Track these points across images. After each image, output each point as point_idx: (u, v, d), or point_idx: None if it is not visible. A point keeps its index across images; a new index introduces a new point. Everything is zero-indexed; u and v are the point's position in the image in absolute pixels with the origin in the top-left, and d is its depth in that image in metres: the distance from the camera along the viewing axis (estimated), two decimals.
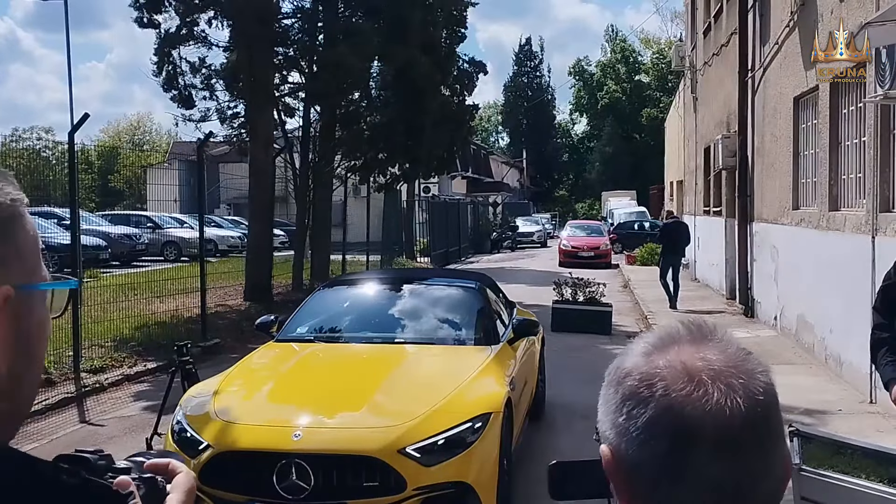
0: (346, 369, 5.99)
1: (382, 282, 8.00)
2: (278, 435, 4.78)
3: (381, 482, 4.57)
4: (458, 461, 4.69)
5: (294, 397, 5.51)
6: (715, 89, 17.06)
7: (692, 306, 15.32)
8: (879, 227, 7.38)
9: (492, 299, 7.21)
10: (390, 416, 4.93)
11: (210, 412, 5.03)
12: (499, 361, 6.02)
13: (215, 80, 16.01)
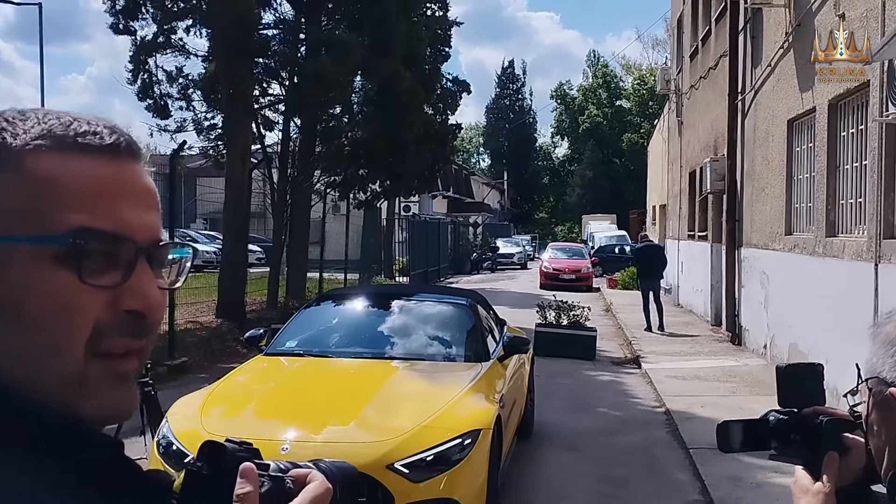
0: (335, 384, 5.92)
1: (373, 297, 7.95)
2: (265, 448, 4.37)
3: (369, 498, 4.49)
4: (447, 478, 4.65)
5: (282, 411, 5.39)
6: (702, 112, 16.83)
7: (676, 331, 15.00)
8: (883, 255, 7.05)
9: (482, 316, 7.19)
10: (379, 432, 4.88)
11: (197, 425, 4.95)
12: (489, 379, 6.01)
13: (192, 90, 15.55)
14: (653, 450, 7.54)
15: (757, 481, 6.34)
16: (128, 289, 0.83)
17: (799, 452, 1.36)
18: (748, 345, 12.60)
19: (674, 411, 8.71)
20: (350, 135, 18.31)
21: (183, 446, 4.76)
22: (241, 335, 13.43)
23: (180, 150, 11.36)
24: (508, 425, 6.03)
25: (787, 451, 1.38)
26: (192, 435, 4.81)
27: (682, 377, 10.62)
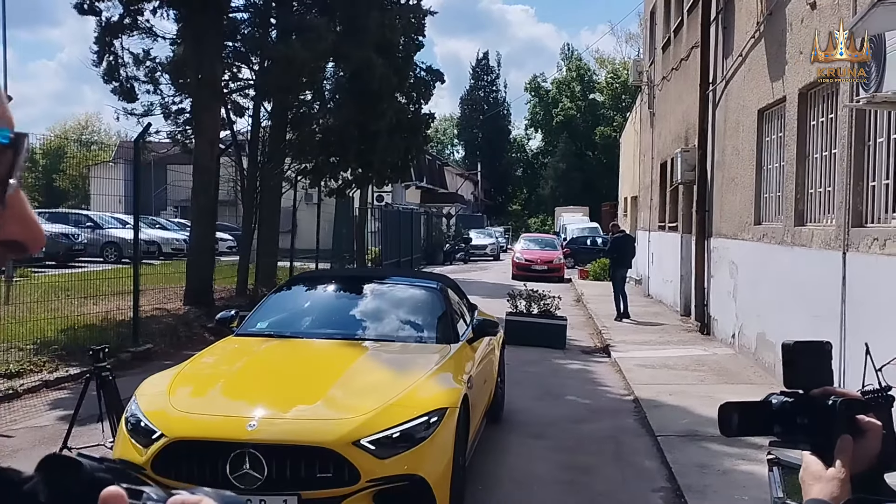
0: (304, 364, 5.98)
1: (344, 280, 8.11)
2: (233, 425, 4.72)
3: (335, 474, 4.53)
4: (413, 454, 4.68)
5: (250, 390, 5.44)
6: (673, 104, 16.85)
7: (646, 321, 15.04)
8: (851, 243, 7.06)
9: (453, 300, 7.28)
10: (346, 410, 4.91)
11: (165, 402, 4.98)
12: (457, 360, 6.09)
13: (160, 74, 15.24)
14: (621, 437, 7.50)
15: (724, 468, 6.32)
16: None
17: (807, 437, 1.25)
18: (717, 334, 12.65)
19: (642, 399, 8.69)
20: (322, 122, 18.07)
21: (151, 423, 4.77)
22: (209, 322, 13.31)
23: (145, 132, 11.14)
24: (476, 406, 6.05)
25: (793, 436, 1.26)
26: (160, 413, 4.86)
27: (651, 366, 10.62)
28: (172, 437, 4.65)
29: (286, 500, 4.46)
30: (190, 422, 4.79)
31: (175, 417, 4.83)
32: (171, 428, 4.71)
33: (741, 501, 5.58)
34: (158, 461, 4.61)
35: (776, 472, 4.49)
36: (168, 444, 4.62)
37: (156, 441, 4.67)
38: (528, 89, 75.71)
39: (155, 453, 4.62)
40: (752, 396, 5.62)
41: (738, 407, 1.31)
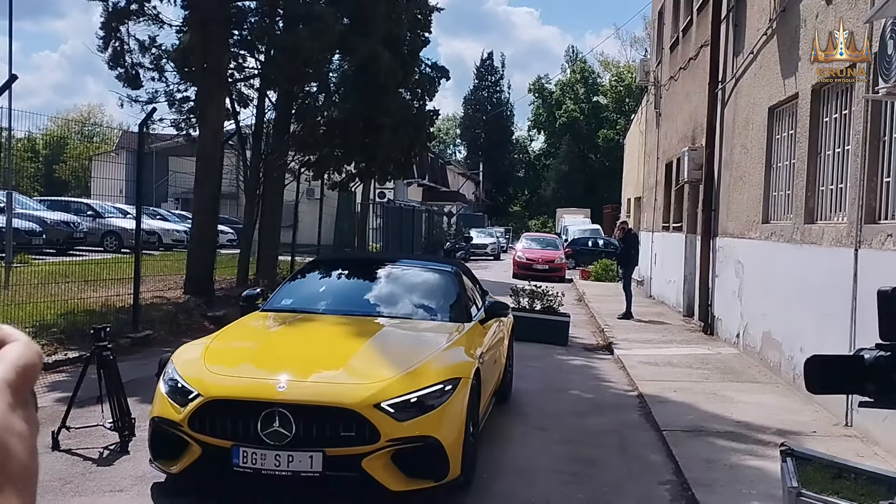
0: (327, 337, 6.32)
1: (364, 263, 8.73)
2: (264, 386, 5.09)
3: (357, 433, 4.87)
4: (429, 418, 5.04)
5: (278, 357, 5.77)
6: (681, 103, 16.76)
7: (649, 320, 14.94)
8: (864, 240, 6.96)
9: (466, 284, 7.68)
10: (367, 377, 5.24)
11: (200, 366, 5.35)
12: (470, 337, 6.45)
13: (165, 61, 15.15)
14: (625, 432, 7.41)
15: (731, 463, 6.23)
16: None
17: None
18: (720, 334, 12.55)
19: (646, 395, 8.60)
20: (326, 114, 18.00)
21: (188, 385, 5.15)
22: (209, 311, 13.23)
23: (149, 117, 11.04)
24: (487, 382, 6.38)
25: (890, 395, 1.14)
26: (196, 375, 5.23)
27: (654, 363, 10.52)
28: (208, 397, 5.02)
29: (312, 456, 4.80)
30: (224, 383, 5.16)
31: (210, 379, 5.19)
32: (206, 388, 5.08)
33: (749, 496, 5.48)
34: (195, 418, 4.98)
35: (790, 463, 4.40)
36: (204, 403, 4.99)
37: (192, 400, 5.03)
38: (532, 90, 75.66)
39: (192, 411, 4.99)
40: (758, 395, 5.57)
41: (827, 361, 1.19)
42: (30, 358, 0.65)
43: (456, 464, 5.10)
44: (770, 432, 7.07)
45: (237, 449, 4.85)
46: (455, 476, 5.14)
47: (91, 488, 5.25)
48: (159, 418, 5.19)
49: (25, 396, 0.63)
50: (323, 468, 4.80)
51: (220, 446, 4.91)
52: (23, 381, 0.63)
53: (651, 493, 5.73)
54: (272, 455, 4.80)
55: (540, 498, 5.47)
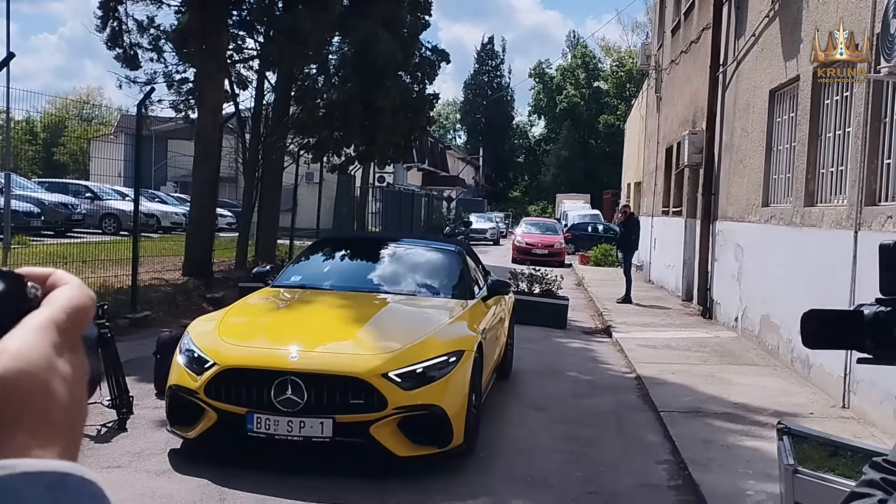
0: (335, 311, 6.53)
1: (370, 241, 9.14)
2: (277, 356, 5.36)
3: (366, 401, 5.13)
4: (433, 388, 5.30)
5: (289, 330, 5.99)
6: (682, 87, 16.70)
7: (648, 305, 14.95)
8: (864, 222, 6.95)
9: (469, 263, 7.93)
10: (375, 348, 5.51)
11: (215, 338, 5.61)
12: (473, 313, 6.70)
13: (164, 42, 15.06)
14: (623, 412, 7.42)
15: (728, 443, 6.24)
16: None
17: None
18: (719, 318, 12.56)
19: (644, 377, 8.61)
20: (326, 96, 17.93)
21: (205, 354, 5.40)
22: (208, 293, 13.22)
23: (148, 97, 10.99)
24: (488, 356, 6.61)
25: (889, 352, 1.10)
26: (212, 346, 5.49)
27: (652, 346, 10.53)
28: (224, 366, 5.27)
29: (323, 422, 5.07)
30: (239, 353, 5.42)
31: (225, 350, 5.43)
32: (222, 358, 5.33)
33: (746, 475, 5.49)
34: (210, 386, 5.24)
35: (786, 441, 4.40)
36: (219, 372, 5.25)
37: (208, 369, 5.29)
38: (533, 75, 75.34)
39: (208, 380, 5.25)
40: (756, 377, 5.58)
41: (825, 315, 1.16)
42: (81, 300, 0.61)
43: (459, 432, 5.36)
44: (767, 414, 7.08)
45: (251, 415, 5.11)
46: (458, 444, 5.39)
47: (88, 464, 5.17)
48: (176, 386, 5.43)
49: (73, 339, 0.59)
50: (333, 434, 5.06)
51: (235, 412, 5.16)
52: (72, 324, 0.59)
53: (648, 472, 5.74)
54: (285, 421, 5.06)
55: (538, 476, 5.49)
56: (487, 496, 5.05)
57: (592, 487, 5.32)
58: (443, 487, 5.15)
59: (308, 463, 5.26)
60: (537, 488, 5.25)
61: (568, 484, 5.38)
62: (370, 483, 5.13)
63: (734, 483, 5.33)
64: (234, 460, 5.32)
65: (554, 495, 5.14)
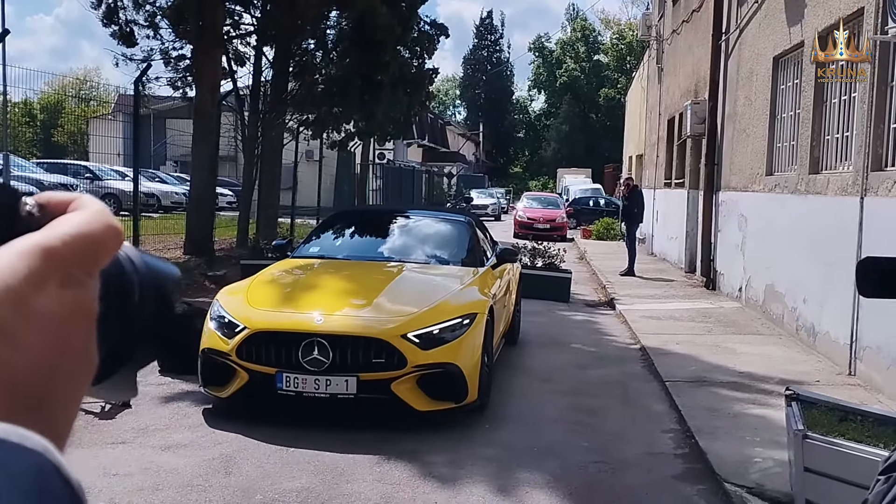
0: (354, 278, 6.93)
1: (384, 214, 9.56)
2: (303, 319, 5.74)
3: (387, 360, 5.52)
4: (450, 347, 5.70)
5: (313, 295, 6.39)
6: (683, 57, 16.55)
7: (651, 277, 14.90)
8: (870, 187, 6.87)
9: (479, 233, 8.30)
10: (393, 312, 5.92)
11: (244, 304, 6.00)
12: (483, 279, 7.10)
13: (160, 18, 14.91)
14: (628, 383, 7.40)
15: (734, 412, 6.22)
16: None
17: None
18: (723, 289, 12.52)
19: (649, 348, 8.58)
20: (324, 72, 17.78)
21: (235, 319, 5.77)
22: (209, 271, 13.18)
23: (144, 73, 10.88)
24: (498, 319, 6.99)
25: None
26: (241, 312, 5.86)
27: (656, 317, 10.50)
28: (254, 329, 5.64)
29: (347, 380, 5.46)
30: (267, 317, 5.79)
31: (255, 315, 5.80)
32: (252, 322, 5.70)
33: (753, 442, 5.47)
34: (241, 349, 5.61)
35: (795, 407, 4.37)
36: (250, 335, 5.61)
37: (239, 333, 5.65)
38: (532, 49, 74.86)
39: (239, 342, 5.62)
40: (761, 346, 5.54)
41: (882, 263, 1.11)
42: (92, 227, 0.47)
43: (473, 388, 5.76)
44: (773, 382, 7.05)
45: (280, 374, 5.49)
46: (473, 399, 5.79)
47: (93, 440, 5.24)
48: (209, 350, 5.75)
49: (72, 273, 0.45)
50: (357, 391, 5.46)
51: (265, 372, 5.54)
52: (70, 252, 0.45)
53: (654, 441, 5.71)
54: (312, 379, 5.46)
55: (543, 446, 5.46)
56: (494, 467, 5.03)
57: (598, 457, 5.29)
58: (450, 459, 5.13)
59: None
60: (544, 458, 5.23)
61: (574, 453, 5.35)
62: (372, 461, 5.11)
63: (741, 450, 5.30)
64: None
65: (560, 465, 5.11)
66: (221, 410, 6.02)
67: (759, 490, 4.61)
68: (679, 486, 4.88)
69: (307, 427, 5.58)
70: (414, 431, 5.60)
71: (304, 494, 4.50)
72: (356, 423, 5.66)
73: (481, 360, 5.91)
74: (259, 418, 5.80)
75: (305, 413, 5.64)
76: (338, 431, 5.52)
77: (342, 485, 4.66)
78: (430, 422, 5.77)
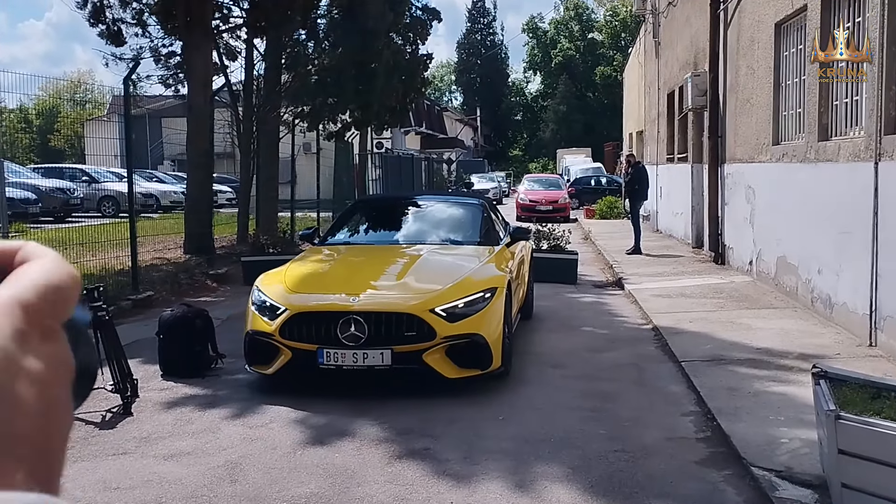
0: (380, 261, 7.46)
1: (402, 201, 10.14)
2: (340, 299, 6.20)
3: (418, 333, 6.02)
4: (474, 319, 6.17)
5: (345, 277, 6.94)
6: (681, 29, 16.26)
7: (657, 254, 14.69)
8: (885, 151, 6.64)
9: (492, 215, 8.73)
10: (421, 290, 6.38)
11: (282, 288, 6.46)
12: (500, 257, 7.55)
13: (148, 15, 14.67)
14: (642, 364, 7.19)
15: (755, 390, 6.01)
16: None
17: None
18: (732, 263, 12.30)
19: (662, 327, 8.37)
20: (317, 62, 17.52)
21: (276, 302, 6.25)
22: (210, 269, 12.99)
23: (133, 71, 10.64)
24: (516, 293, 7.44)
25: None
26: (281, 295, 6.34)
27: (667, 296, 10.29)
28: (295, 311, 6.14)
29: (383, 352, 5.95)
30: (306, 299, 6.30)
31: (294, 298, 6.29)
32: (292, 304, 6.20)
33: (777, 422, 5.27)
34: (284, 329, 6.10)
35: (823, 386, 4.16)
36: (291, 316, 6.11)
37: (281, 315, 6.14)
38: (526, 31, 74.37)
39: (282, 323, 6.11)
40: (776, 320, 5.32)
41: None
42: (58, 277, 0.47)
43: (497, 356, 6.21)
44: (792, 357, 6.85)
45: (321, 350, 5.97)
46: (497, 367, 6.25)
47: (94, 452, 5.06)
48: (253, 331, 6.27)
49: (49, 326, 0.46)
50: (392, 362, 5.95)
51: (307, 350, 6.02)
52: (45, 306, 0.45)
53: (675, 425, 5.52)
54: (350, 354, 5.94)
55: (559, 436, 5.27)
56: (510, 461, 4.84)
57: (618, 445, 5.09)
58: (463, 455, 4.94)
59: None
60: (561, 449, 5.03)
61: (592, 442, 5.16)
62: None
63: (766, 431, 5.10)
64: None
65: (579, 455, 4.92)
66: (226, 414, 5.84)
67: (789, 473, 4.41)
68: (704, 473, 4.69)
69: (314, 429, 5.40)
70: (426, 426, 5.42)
71: (315, 500, 4.32)
72: (365, 420, 5.49)
73: (503, 330, 6.33)
74: (263, 422, 5.62)
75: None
76: (346, 432, 5.34)
77: (353, 488, 4.48)
78: (442, 417, 5.59)
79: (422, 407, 5.87)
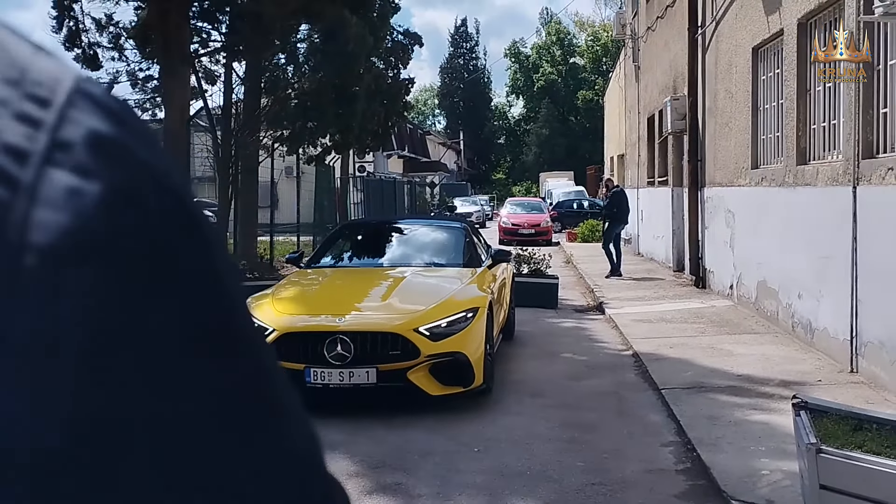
0: (366, 283, 7.69)
1: (386, 225, 10.34)
2: (326, 319, 6.40)
3: (402, 352, 6.20)
4: (457, 338, 6.36)
5: (332, 298, 7.24)
6: (660, 53, 16.32)
7: (638, 278, 14.62)
8: (862, 176, 6.59)
9: (474, 238, 9.01)
10: (406, 309, 6.61)
11: (271, 309, 6.61)
12: (482, 278, 7.79)
13: (125, 39, 14.55)
14: (622, 393, 7.07)
15: (735, 419, 5.90)
16: None
17: None
18: (713, 287, 12.24)
19: (642, 354, 8.26)
20: (297, 86, 17.45)
21: (263, 322, 6.25)
22: None
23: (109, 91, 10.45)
24: (497, 313, 7.71)
25: None
26: (269, 316, 6.45)
27: (647, 320, 10.19)
28: (283, 331, 6.24)
29: (368, 371, 6.13)
30: (294, 319, 6.46)
31: (283, 317, 6.46)
32: (280, 324, 6.32)
33: (758, 452, 5.15)
34: None
35: (804, 417, 4.03)
36: (279, 337, 6.18)
37: (269, 335, 6.12)
38: (508, 55, 74.82)
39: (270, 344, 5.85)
40: (757, 346, 5.16)
41: None
42: None
43: (479, 374, 6.41)
44: (774, 384, 6.76)
45: (308, 369, 6.09)
46: (479, 384, 6.44)
47: None
48: None
49: None
50: (377, 380, 6.12)
51: (294, 368, 6.00)
52: None
53: (654, 457, 5.39)
54: (336, 372, 6.10)
55: (536, 469, 5.13)
56: (485, 497, 4.69)
57: (596, 478, 4.96)
58: (437, 490, 4.78)
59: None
60: (538, 483, 4.89)
61: (570, 475, 5.02)
62: None
63: (747, 463, 4.99)
64: None
65: (555, 489, 4.78)
66: None
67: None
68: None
69: None
70: (399, 459, 5.26)
71: None
72: (336, 453, 5.32)
73: (485, 348, 6.56)
74: None
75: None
76: None
77: None
78: (416, 448, 5.43)
79: (396, 438, 5.72)
